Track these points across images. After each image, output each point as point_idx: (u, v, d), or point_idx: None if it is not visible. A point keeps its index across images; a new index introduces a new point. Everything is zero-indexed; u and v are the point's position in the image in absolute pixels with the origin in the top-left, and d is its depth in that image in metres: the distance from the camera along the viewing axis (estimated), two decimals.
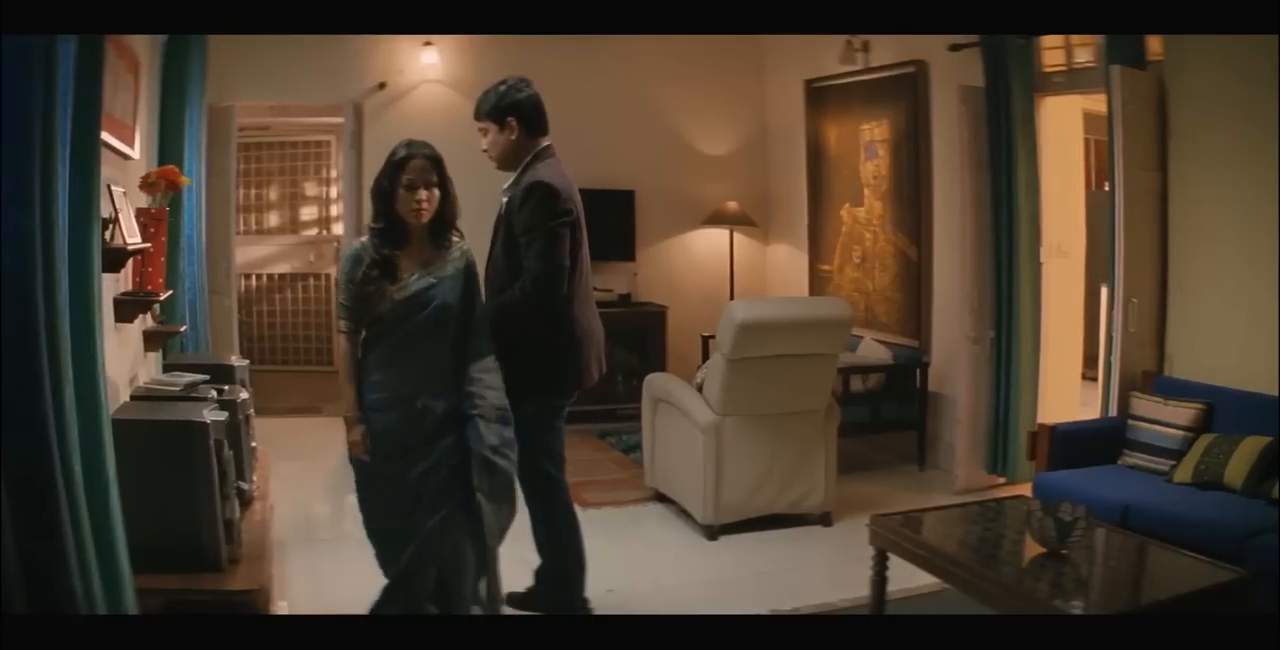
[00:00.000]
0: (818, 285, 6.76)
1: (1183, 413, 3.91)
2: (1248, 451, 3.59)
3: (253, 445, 3.42)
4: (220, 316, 5.75)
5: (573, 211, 3.19)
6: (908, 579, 3.35)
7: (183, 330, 4.19)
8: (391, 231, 2.92)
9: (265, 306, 8.64)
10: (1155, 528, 3.32)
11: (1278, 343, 3.76)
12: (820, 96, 6.62)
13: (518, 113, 3.20)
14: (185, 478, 2.52)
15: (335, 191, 8.49)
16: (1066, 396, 5.32)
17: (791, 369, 4.32)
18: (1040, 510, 2.94)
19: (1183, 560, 2.94)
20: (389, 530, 2.97)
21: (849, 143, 6.35)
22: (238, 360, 3.70)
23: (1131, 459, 4.00)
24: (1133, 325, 4.27)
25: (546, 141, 3.27)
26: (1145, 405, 4.06)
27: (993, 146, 4.99)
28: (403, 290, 2.91)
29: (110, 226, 2.96)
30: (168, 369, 3.56)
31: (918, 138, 5.73)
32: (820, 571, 4.05)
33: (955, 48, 5.20)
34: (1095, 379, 4.99)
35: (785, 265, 7.21)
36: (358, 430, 2.94)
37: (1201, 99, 4.16)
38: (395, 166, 2.90)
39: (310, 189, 8.73)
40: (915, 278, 5.82)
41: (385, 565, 3.02)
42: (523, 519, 3.22)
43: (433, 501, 2.89)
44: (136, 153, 3.74)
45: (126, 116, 3.56)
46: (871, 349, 5.96)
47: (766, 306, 4.61)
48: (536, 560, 3.41)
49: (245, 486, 3.08)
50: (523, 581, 3.46)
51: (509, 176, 3.27)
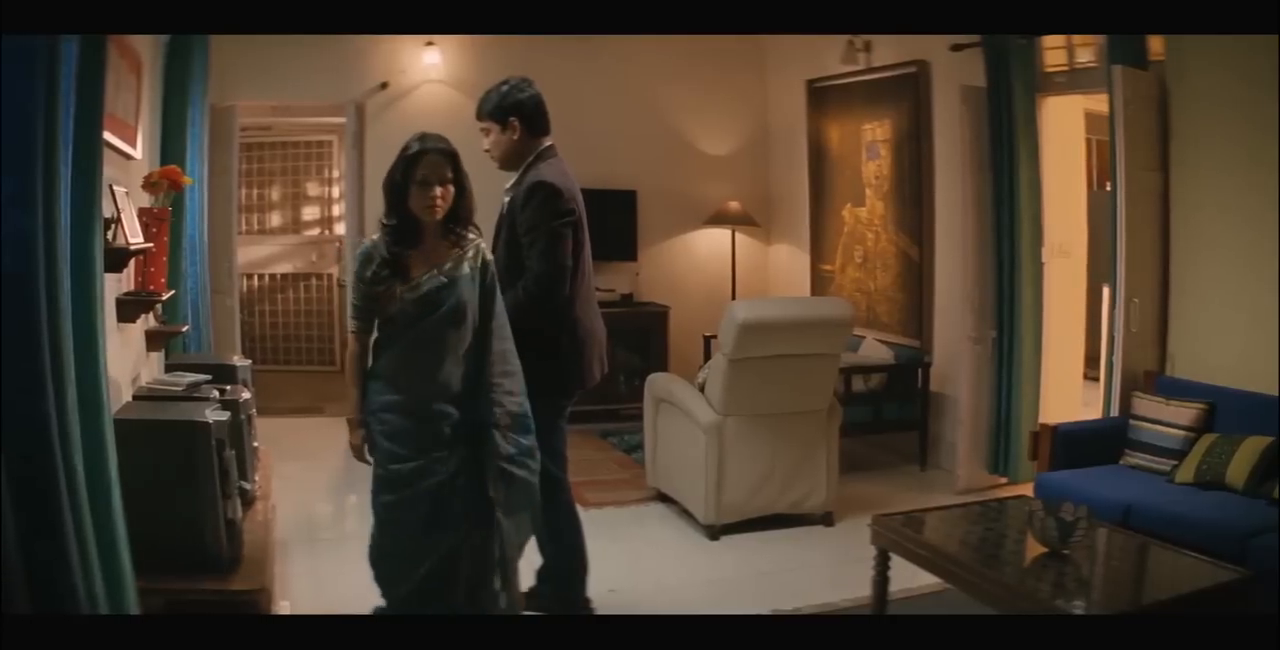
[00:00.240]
0: (819, 285, 6.76)
1: (1184, 413, 3.91)
2: (1249, 451, 3.59)
3: (255, 445, 3.42)
4: (222, 316, 5.76)
5: (575, 211, 3.20)
6: (909, 579, 3.35)
7: (185, 330, 4.19)
8: (404, 229, 2.82)
9: (267, 306, 8.65)
10: (1157, 528, 3.32)
11: (1278, 343, 3.75)
12: (822, 96, 6.62)
13: (520, 113, 3.20)
14: (187, 478, 2.52)
15: (337, 191, 8.50)
16: (1068, 396, 5.32)
17: (793, 369, 4.32)
18: (1042, 510, 2.94)
19: (1184, 560, 2.94)
20: (401, 544, 2.84)
21: (851, 143, 6.35)
22: (240, 360, 3.70)
23: (1133, 459, 4.00)
24: (1134, 325, 4.27)
25: (549, 141, 3.28)
26: (1147, 405, 4.05)
27: (994, 146, 4.99)
28: (414, 290, 2.80)
29: (113, 226, 2.97)
30: (170, 369, 3.56)
31: (919, 138, 5.73)
32: (822, 571, 4.05)
33: (957, 48, 5.20)
34: (1097, 379, 5.00)
35: (787, 265, 7.21)
36: (359, 433, 2.88)
37: (1203, 102, 4.16)
38: (408, 161, 2.78)
39: (312, 189, 8.74)
40: (917, 277, 5.82)
41: (390, 585, 2.88)
42: None
43: (449, 518, 2.80)
44: (139, 153, 3.74)
45: (129, 116, 3.57)
46: (873, 349, 5.96)
47: (768, 306, 4.61)
48: (539, 560, 3.41)
49: (247, 486, 3.08)
50: (525, 581, 3.45)
51: (511, 176, 3.27)
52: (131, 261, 3.22)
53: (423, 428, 2.80)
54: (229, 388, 3.23)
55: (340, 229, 8.28)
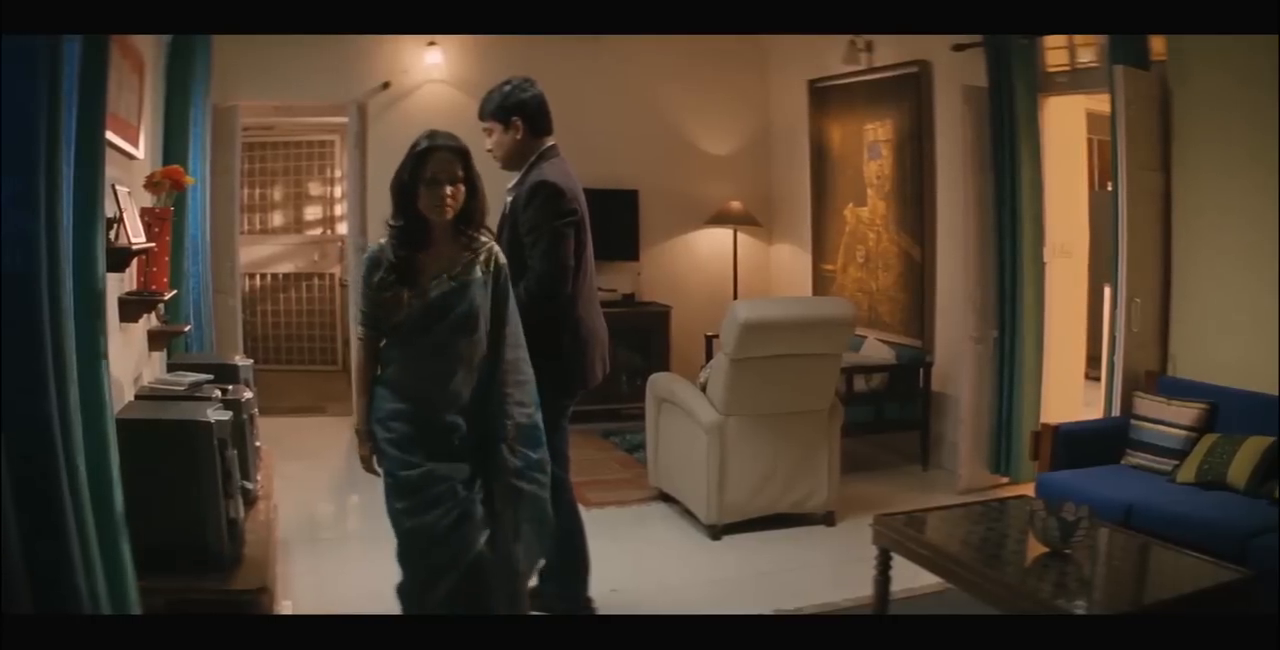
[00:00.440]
0: (821, 285, 6.75)
1: (1186, 413, 3.91)
2: (1251, 451, 3.59)
3: (257, 445, 3.42)
4: (224, 316, 5.76)
5: (577, 211, 3.20)
6: (911, 579, 3.35)
7: (187, 330, 4.19)
8: (412, 231, 2.68)
9: (269, 306, 8.67)
10: (1158, 528, 3.32)
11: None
12: (824, 96, 6.61)
13: (523, 112, 3.21)
14: (189, 477, 2.52)
15: (339, 191, 8.52)
16: (1069, 396, 5.31)
17: (795, 369, 4.32)
18: (1043, 510, 2.94)
19: (1185, 560, 2.94)
20: (424, 549, 2.70)
21: (852, 142, 6.35)
22: (242, 360, 3.70)
23: (1134, 459, 4.00)
24: (1136, 325, 4.27)
25: (551, 141, 3.28)
26: (1148, 405, 4.05)
27: (996, 146, 4.98)
28: (423, 296, 2.67)
29: (115, 226, 2.97)
30: (172, 368, 3.56)
31: (921, 138, 5.73)
32: (823, 571, 4.05)
33: (959, 48, 5.20)
34: (1098, 379, 4.99)
35: (789, 265, 7.21)
36: (367, 446, 2.77)
37: (1205, 103, 4.15)
38: (417, 159, 2.65)
39: (314, 189, 8.75)
40: (918, 277, 5.82)
41: (424, 588, 2.75)
42: None
43: (464, 527, 2.68)
44: (141, 152, 3.75)
45: (131, 116, 3.57)
46: (875, 349, 5.96)
47: (770, 306, 4.61)
48: (541, 559, 3.41)
49: (249, 486, 3.08)
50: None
51: (513, 176, 3.28)
52: (134, 261, 3.22)
53: (432, 437, 2.70)
54: (231, 387, 3.23)
55: (342, 229, 8.29)
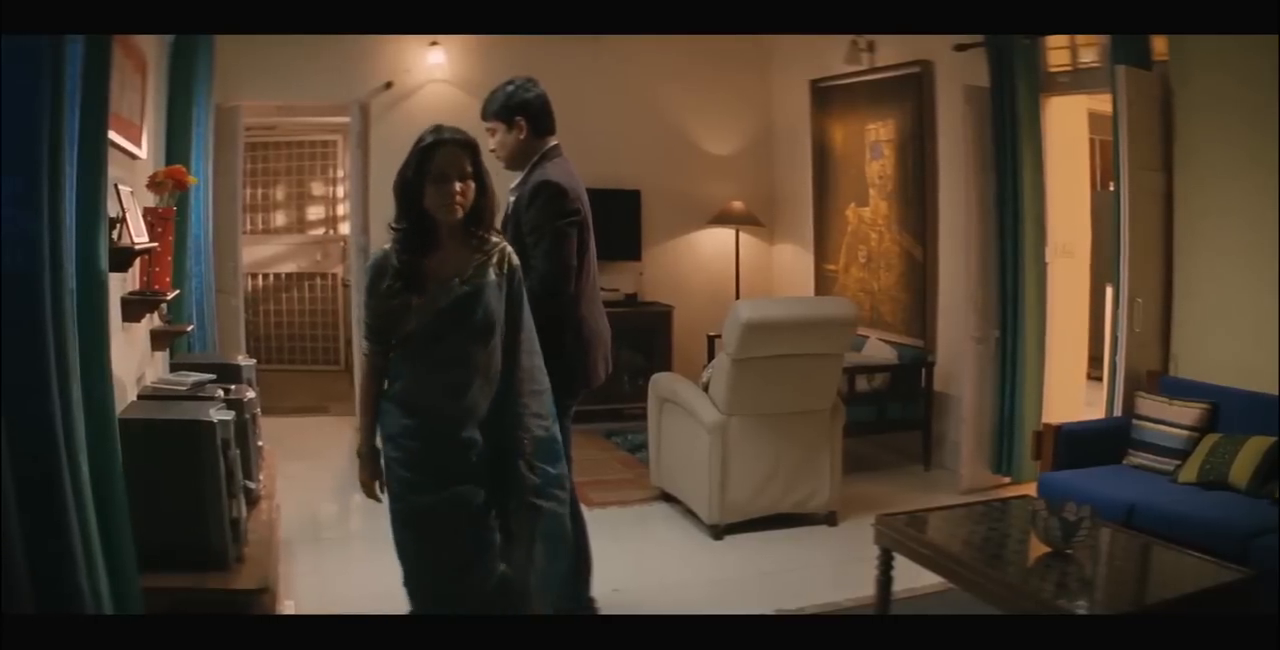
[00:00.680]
0: (823, 285, 6.75)
1: (1187, 413, 3.91)
2: (1252, 451, 3.58)
3: (259, 444, 3.43)
4: (227, 316, 5.77)
5: (580, 211, 3.20)
6: (913, 579, 3.35)
7: (190, 329, 4.20)
8: (419, 233, 2.50)
9: (272, 306, 8.68)
10: (1159, 527, 3.32)
11: None
12: (825, 96, 6.61)
13: (525, 112, 3.21)
14: (192, 477, 2.52)
15: (342, 191, 8.52)
16: (1071, 396, 5.31)
17: (797, 369, 4.32)
18: (1045, 510, 2.94)
19: (1187, 560, 2.94)
20: (438, 581, 2.59)
21: (854, 143, 6.35)
22: (244, 359, 3.70)
23: (1136, 459, 3.99)
24: (1138, 325, 4.27)
25: (554, 141, 3.28)
26: (1150, 405, 4.05)
27: (998, 146, 4.98)
28: (433, 303, 2.48)
29: (118, 226, 2.97)
30: (175, 368, 3.57)
31: (923, 138, 5.73)
32: (825, 571, 4.05)
33: (960, 48, 5.20)
34: (1100, 379, 5.00)
35: (791, 265, 7.21)
36: (368, 470, 2.62)
37: (1207, 103, 4.15)
38: (422, 154, 2.47)
39: (317, 188, 8.76)
40: (920, 277, 5.82)
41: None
42: None
43: (482, 555, 2.54)
44: (144, 152, 3.75)
45: (134, 116, 3.57)
46: (877, 349, 5.95)
47: (772, 306, 4.61)
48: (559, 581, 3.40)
49: (252, 486, 3.08)
50: None
51: (516, 176, 3.28)
52: (136, 261, 3.22)
53: (447, 455, 2.52)
54: (233, 387, 3.23)
55: (345, 228, 8.30)
